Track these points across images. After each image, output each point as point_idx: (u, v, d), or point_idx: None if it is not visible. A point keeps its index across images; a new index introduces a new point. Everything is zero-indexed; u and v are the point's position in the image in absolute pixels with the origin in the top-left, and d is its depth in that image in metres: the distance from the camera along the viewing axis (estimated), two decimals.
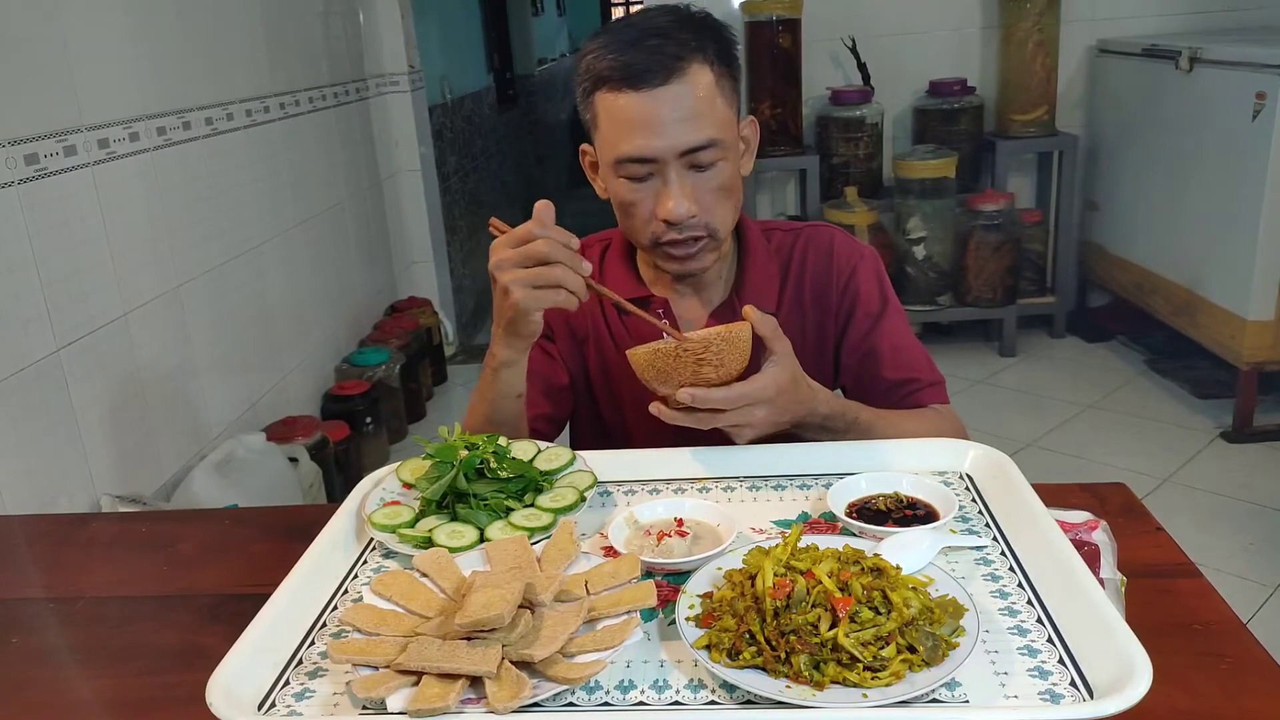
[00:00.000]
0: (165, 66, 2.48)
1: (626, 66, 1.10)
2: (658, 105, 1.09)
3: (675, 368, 0.99)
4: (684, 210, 1.13)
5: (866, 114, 3.91)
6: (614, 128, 1.13)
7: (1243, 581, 2.39)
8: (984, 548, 0.90)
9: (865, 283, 1.29)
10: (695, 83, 1.11)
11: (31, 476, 1.93)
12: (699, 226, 1.16)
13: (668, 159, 1.12)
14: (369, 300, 3.87)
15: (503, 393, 1.15)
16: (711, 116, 1.12)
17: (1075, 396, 3.55)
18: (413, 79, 4.09)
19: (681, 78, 1.10)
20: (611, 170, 1.16)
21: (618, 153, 1.13)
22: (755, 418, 1.02)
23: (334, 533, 0.98)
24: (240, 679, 0.76)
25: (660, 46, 1.09)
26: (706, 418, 1.02)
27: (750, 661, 0.73)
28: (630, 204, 1.17)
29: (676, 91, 1.10)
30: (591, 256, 1.34)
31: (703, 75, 1.11)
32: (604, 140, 1.16)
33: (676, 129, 1.10)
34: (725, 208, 1.17)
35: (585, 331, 1.32)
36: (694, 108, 1.10)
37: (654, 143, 1.11)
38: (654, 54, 1.09)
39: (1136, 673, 0.68)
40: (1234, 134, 3.05)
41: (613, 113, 1.12)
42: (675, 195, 1.13)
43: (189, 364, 2.53)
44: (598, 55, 1.13)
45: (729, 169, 1.16)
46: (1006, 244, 3.85)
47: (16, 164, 1.93)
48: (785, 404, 1.04)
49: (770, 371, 1.03)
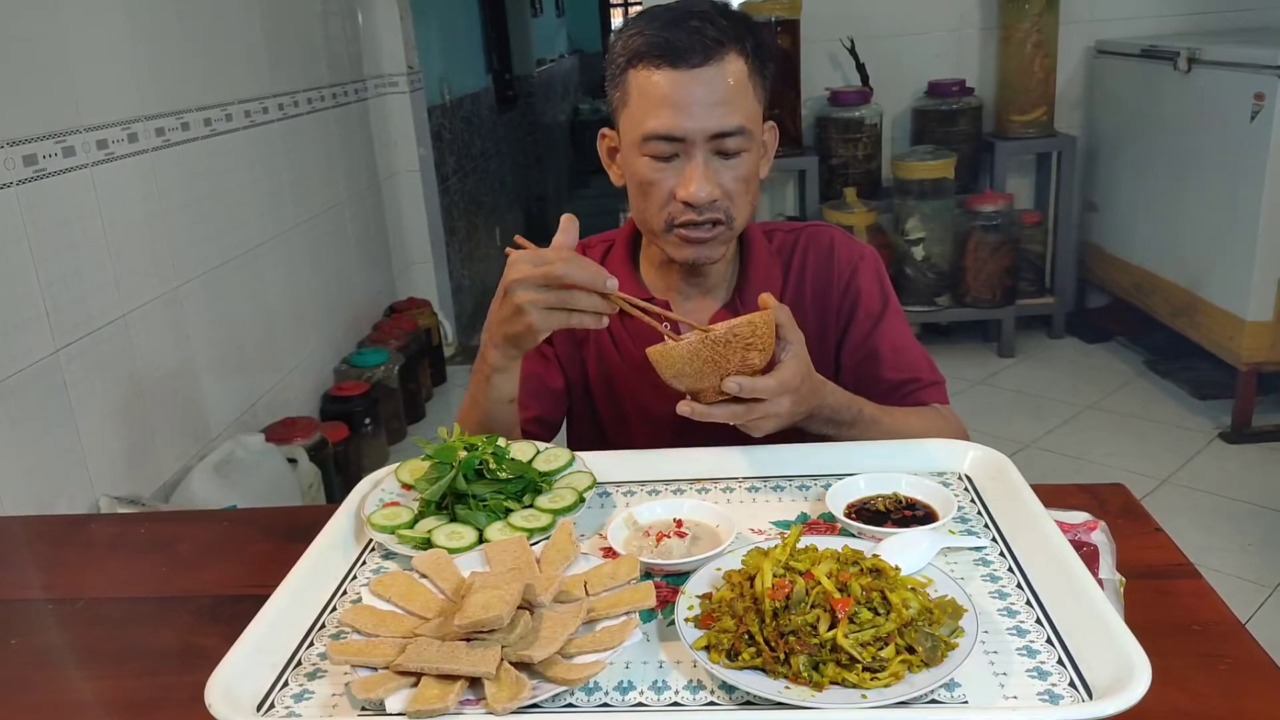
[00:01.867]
0: (164, 67, 2.48)
1: (666, 43, 1.10)
2: (693, 85, 1.10)
3: (724, 355, 0.97)
4: (706, 193, 1.12)
5: (865, 115, 3.92)
6: (645, 103, 1.13)
7: (1241, 582, 2.39)
8: (983, 548, 0.90)
9: (866, 283, 1.29)
10: (731, 70, 1.11)
11: (30, 477, 1.93)
12: (718, 210, 1.15)
13: (696, 140, 1.11)
14: (368, 301, 3.87)
15: (495, 398, 1.14)
16: (743, 106, 1.12)
17: (1074, 397, 3.55)
18: (412, 80, 4.09)
19: (720, 62, 1.10)
20: (635, 148, 1.16)
21: (645, 129, 1.13)
22: (783, 408, 1.02)
23: (333, 534, 0.98)
24: (239, 680, 0.76)
25: (701, 29, 1.10)
26: (742, 410, 1.00)
27: (749, 662, 0.73)
28: (650, 183, 1.16)
29: (713, 74, 1.10)
30: (593, 257, 1.34)
31: (738, 65, 1.12)
32: (631, 117, 1.15)
33: (709, 111, 1.10)
34: (744, 199, 1.17)
35: (585, 334, 1.32)
36: (728, 93, 1.11)
37: (685, 122, 1.10)
38: (694, 34, 1.09)
39: (1136, 673, 0.68)
40: (1232, 135, 3.05)
41: (645, 89, 1.12)
42: (699, 177, 1.12)
43: (188, 365, 2.53)
44: (636, 32, 1.13)
45: (752, 162, 1.16)
46: (1005, 245, 3.85)
47: (15, 165, 1.92)
48: (805, 394, 1.04)
49: (790, 363, 1.02)
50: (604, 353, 1.31)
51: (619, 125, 1.19)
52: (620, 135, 1.20)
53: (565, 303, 0.99)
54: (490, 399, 1.14)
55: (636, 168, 1.17)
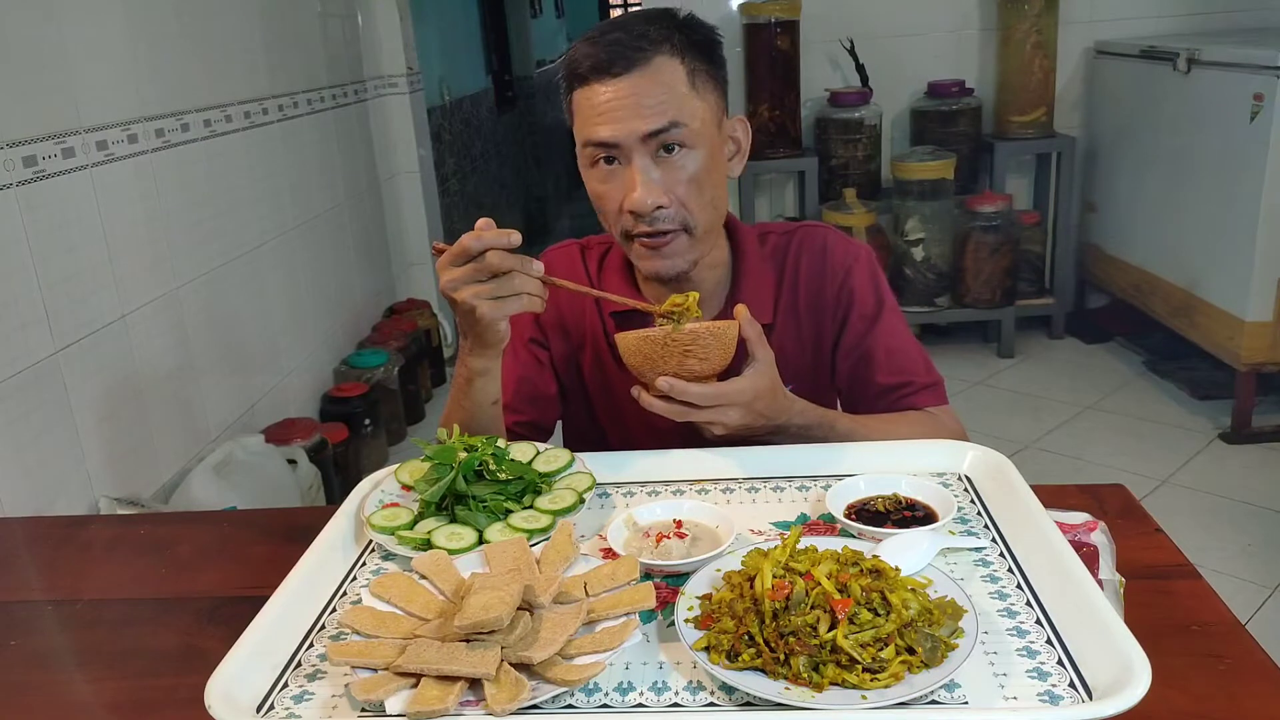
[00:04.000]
0: (164, 68, 2.48)
1: (592, 58, 1.12)
2: (618, 92, 1.11)
3: (662, 355, 1.02)
4: (649, 200, 1.11)
5: (865, 115, 3.92)
6: (582, 118, 1.14)
7: (1241, 582, 2.39)
8: (983, 549, 0.90)
9: (860, 284, 1.28)
10: (659, 71, 1.11)
11: (30, 478, 1.93)
12: (670, 220, 1.14)
13: (630, 145, 1.11)
14: (367, 302, 3.87)
15: (478, 402, 1.14)
16: (676, 105, 1.11)
17: (1074, 398, 3.55)
18: (411, 81, 4.09)
19: (644, 67, 1.11)
20: (584, 161, 1.17)
21: (581, 140, 1.15)
22: (728, 417, 1.05)
23: (333, 535, 0.98)
24: (239, 681, 0.76)
25: (620, 39, 1.11)
26: (681, 411, 1.04)
27: (749, 663, 0.73)
28: (599, 196, 1.17)
29: (637, 79, 1.11)
30: (591, 259, 1.34)
31: (668, 65, 1.12)
32: (577, 135, 1.17)
33: (634, 113, 1.10)
34: (699, 201, 1.15)
35: (582, 337, 1.32)
36: (655, 95, 1.11)
37: (613, 128, 1.11)
38: (614, 45, 1.11)
39: (1135, 674, 0.68)
40: (1232, 135, 3.05)
41: (581, 105, 1.14)
42: (639, 184, 1.12)
43: (188, 366, 2.53)
44: (571, 56, 1.15)
45: (701, 159, 1.14)
46: (1005, 245, 3.85)
47: (15, 166, 1.92)
48: (761, 409, 1.06)
49: (749, 376, 1.05)
50: (600, 356, 1.31)
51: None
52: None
53: (504, 288, 1.00)
54: (475, 403, 1.15)
55: (589, 183, 1.18)
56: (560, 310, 1.32)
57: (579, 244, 1.36)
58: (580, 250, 1.35)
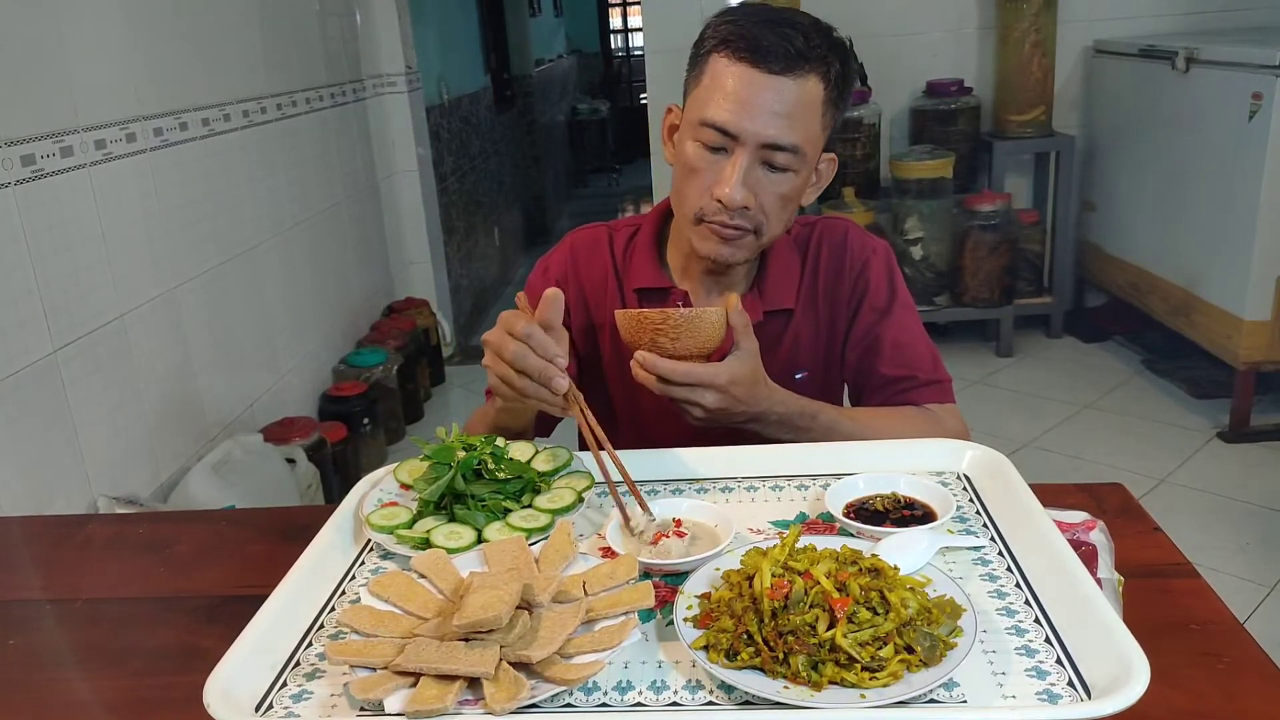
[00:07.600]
0: (162, 67, 2.48)
1: (754, 39, 1.10)
2: (763, 88, 1.10)
3: (637, 333, 1.06)
4: (739, 198, 1.13)
5: (864, 114, 3.92)
6: (713, 90, 1.13)
7: (1240, 581, 2.40)
8: (981, 548, 0.90)
9: (875, 276, 1.30)
10: (806, 88, 1.11)
11: (28, 477, 1.93)
12: (748, 220, 1.15)
13: (747, 143, 1.11)
14: (366, 301, 3.87)
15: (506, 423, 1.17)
16: (804, 126, 1.12)
17: (1072, 397, 3.56)
18: (410, 80, 4.08)
19: (800, 78, 1.10)
20: (691, 130, 1.16)
21: (705, 115, 1.13)
22: (705, 400, 1.07)
23: (331, 534, 0.98)
24: (237, 680, 0.76)
25: (791, 37, 1.10)
26: (658, 386, 1.06)
27: (748, 662, 0.73)
28: (694, 170, 1.16)
29: (786, 85, 1.10)
30: (618, 241, 1.34)
31: (815, 85, 1.12)
32: (697, 99, 1.15)
33: (769, 119, 1.10)
34: (779, 217, 1.18)
35: (603, 319, 1.32)
36: (794, 108, 1.11)
37: (743, 121, 1.10)
38: (783, 40, 1.10)
39: (1134, 672, 0.68)
40: (1230, 134, 3.05)
41: (719, 76, 1.12)
42: (736, 181, 1.12)
43: (186, 365, 2.52)
44: (731, 20, 1.13)
45: (798, 183, 1.16)
46: (1003, 244, 3.85)
47: (13, 165, 1.92)
48: (739, 395, 1.08)
49: (729, 362, 1.07)
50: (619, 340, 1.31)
51: (686, 104, 1.20)
52: (684, 114, 1.20)
53: (514, 384, 0.99)
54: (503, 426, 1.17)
55: (687, 150, 1.17)
56: (583, 288, 1.33)
57: (607, 227, 1.37)
58: (608, 233, 1.35)
